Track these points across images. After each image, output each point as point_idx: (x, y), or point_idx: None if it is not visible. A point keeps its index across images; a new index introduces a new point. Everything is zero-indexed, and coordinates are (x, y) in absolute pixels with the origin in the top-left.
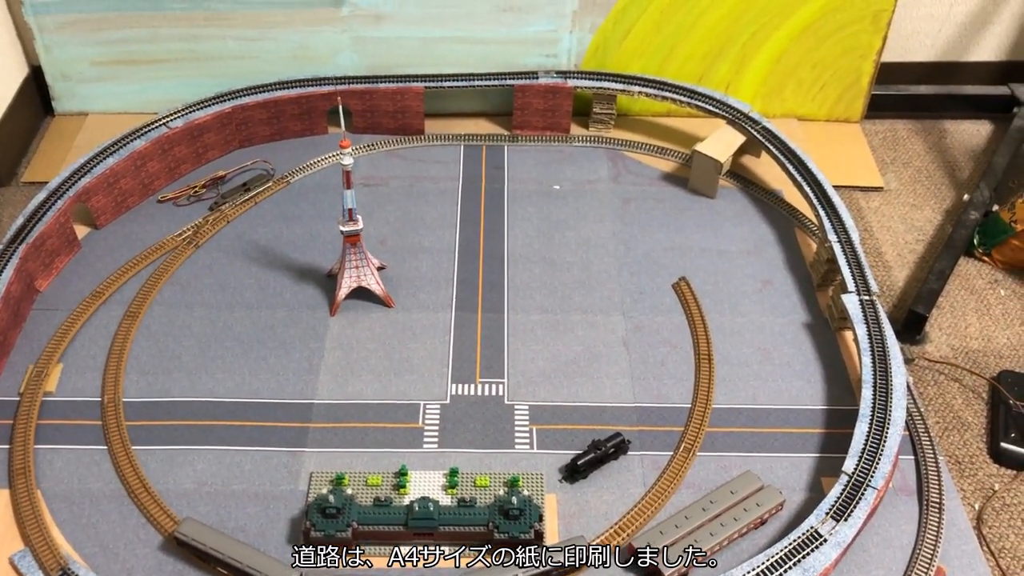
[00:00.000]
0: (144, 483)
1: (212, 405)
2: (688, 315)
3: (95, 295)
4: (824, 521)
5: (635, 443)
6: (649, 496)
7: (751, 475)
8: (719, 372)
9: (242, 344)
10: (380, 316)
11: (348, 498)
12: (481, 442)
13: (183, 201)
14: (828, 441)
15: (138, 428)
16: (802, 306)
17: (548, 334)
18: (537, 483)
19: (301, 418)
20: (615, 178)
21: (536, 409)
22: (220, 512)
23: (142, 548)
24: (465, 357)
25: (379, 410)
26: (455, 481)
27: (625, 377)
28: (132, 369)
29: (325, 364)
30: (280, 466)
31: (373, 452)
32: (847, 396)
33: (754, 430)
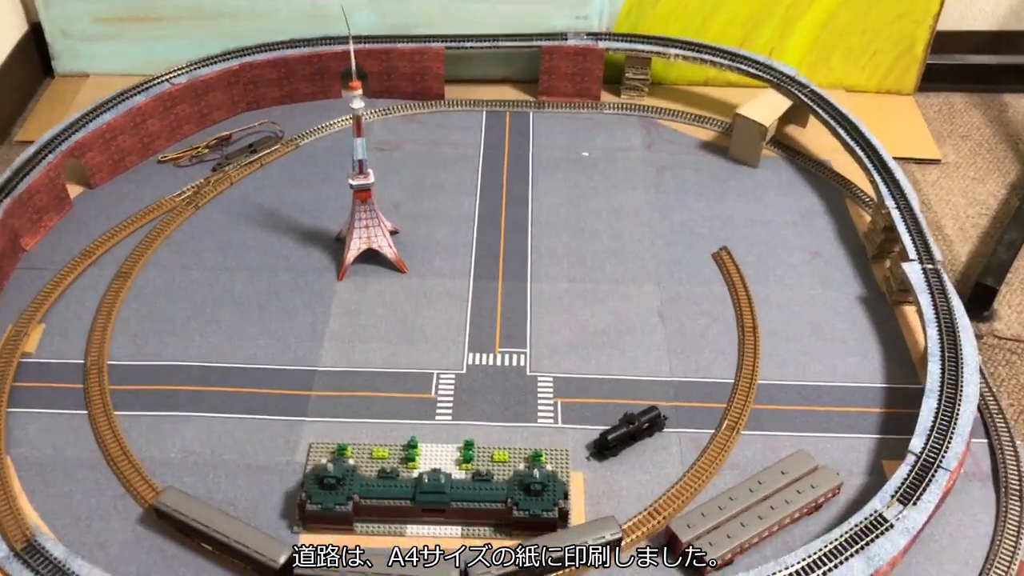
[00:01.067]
0: (125, 451)
1: (205, 370)
2: (730, 286)
3: (84, 254)
4: (890, 505)
5: (672, 419)
6: (688, 476)
7: (804, 454)
8: (765, 346)
9: (241, 308)
10: (392, 282)
11: (350, 469)
12: (500, 415)
13: (184, 162)
14: (888, 422)
15: (123, 393)
16: (856, 279)
17: (575, 304)
18: (562, 459)
19: (302, 386)
20: (649, 146)
21: (561, 381)
22: (208, 484)
23: (119, 521)
24: (483, 326)
25: (388, 379)
26: (470, 455)
27: (660, 350)
28: (120, 331)
29: (330, 330)
30: (276, 436)
31: (380, 423)
32: (909, 374)
33: (806, 408)
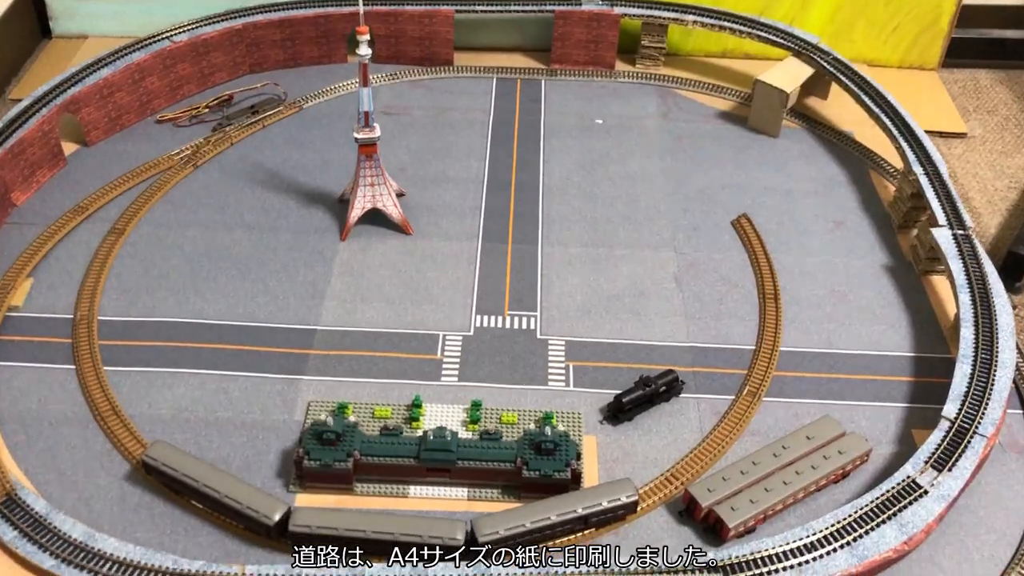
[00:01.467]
0: (113, 406)
1: (199, 327)
2: (750, 253)
3: (77, 210)
4: (923, 471)
5: (689, 385)
6: (707, 442)
7: (831, 420)
8: (787, 313)
9: (239, 266)
10: (397, 243)
11: (350, 425)
12: (509, 377)
13: (184, 122)
14: (918, 391)
15: (112, 348)
16: (881, 248)
17: (588, 268)
18: (574, 423)
19: (301, 344)
20: (665, 115)
21: (573, 345)
22: (200, 441)
23: (105, 477)
24: (492, 288)
25: (392, 339)
26: (477, 416)
27: (677, 315)
28: (112, 287)
29: (332, 289)
30: (273, 394)
31: (383, 383)
32: (938, 344)
33: (830, 376)
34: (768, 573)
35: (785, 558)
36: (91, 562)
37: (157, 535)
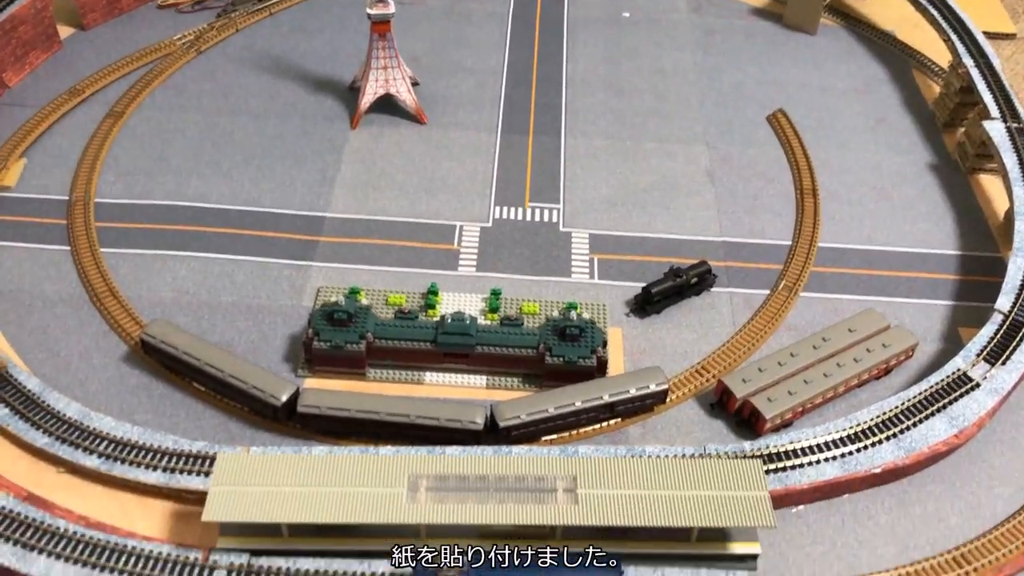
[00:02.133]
0: (111, 287)
1: (202, 211)
2: (786, 148)
3: (73, 92)
4: (975, 364)
5: (722, 279)
6: (741, 335)
7: (874, 312)
8: (826, 209)
9: (243, 152)
10: (411, 132)
11: (363, 307)
12: (530, 268)
13: (187, 7)
14: (964, 289)
15: (110, 230)
16: (925, 146)
17: (614, 161)
18: (599, 314)
19: (310, 231)
20: (696, 9)
21: (598, 238)
22: (202, 324)
23: (101, 358)
24: (512, 180)
25: (406, 228)
26: (497, 304)
27: (709, 209)
28: (109, 170)
29: (342, 177)
30: (281, 279)
31: (396, 271)
32: (986, 242)
33: (872, 272)
34: (809, 464)
35: (827, 448)
36: (86, 440)
37: (156, 417)
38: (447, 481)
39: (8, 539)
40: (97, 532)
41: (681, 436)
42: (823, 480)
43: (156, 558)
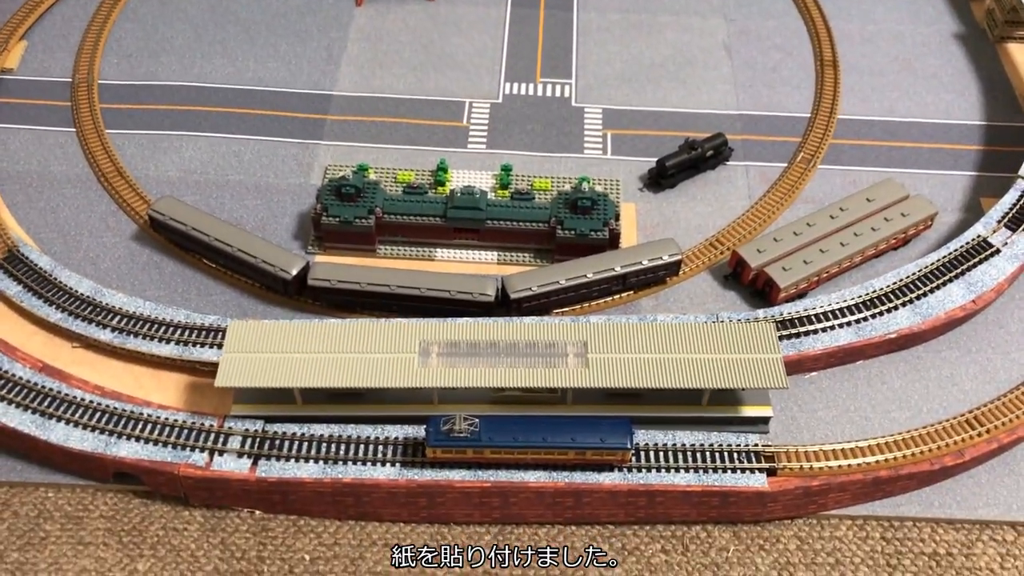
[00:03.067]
0: (118, 167)
1: (207, 91)
2: (807, 19)
3: None
4: (996, 230)
5: (739, 152)
6: (757, 208)
7: (893, 183)
8: (846, 81)
9: (247, 31)
10: (417, 8)
11: (371, 183)
12: (541, 145)
13: None
14: (987, 159)
15: (115, 112)
16: (951, 15)
17: (628, 35)
18: (613, 189)
19: (316, 110)
20: None
21: (612, 113)
22: (210, 203)
23: (111, 236)
24: (523, 55)
25: (414, 105)
26: (507, 180)
27: (726, 83)
28: (111, 52)
29: (348, 55)
30: (288, 158)
31: (405, 149)
32: (1012, 112)
33: (892, 144)
34: (823, 330)
35: (842, 315)
36: (99, 315)
37: (168, 293)
38: (458, 347)
39: (27, 408)
40: (113, 400)
41: (694, 307)
42: (837, 346)
43: (172, 424)
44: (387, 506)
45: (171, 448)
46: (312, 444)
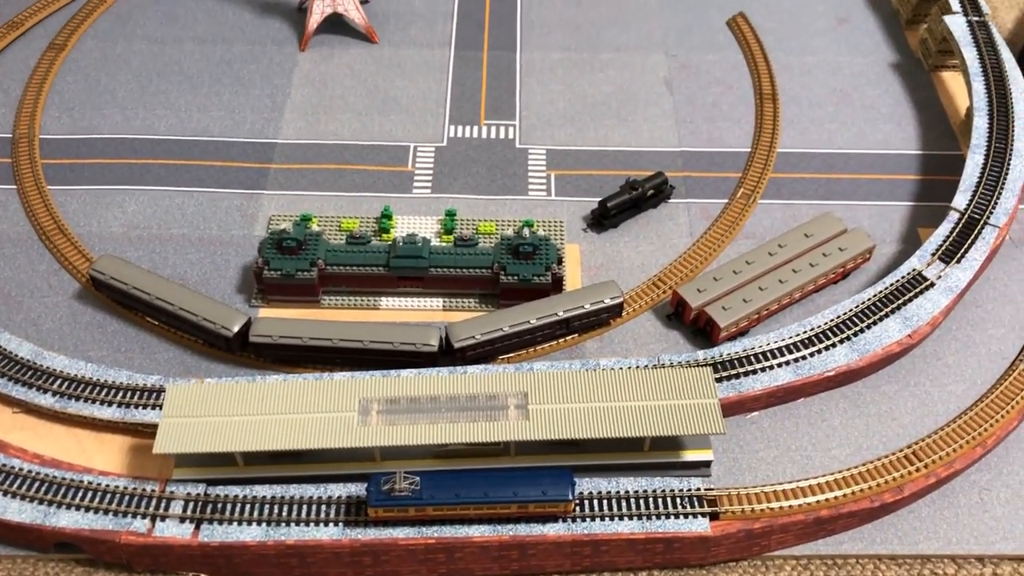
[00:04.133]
0: (60, 225)
1: (149, 143)
2: (747, 53)
3: (12, 25)
4: (930, 263)
5: (680, 190)
6: (698, 246)
7: (831, 216)
8: (785, 114)
9: (191, 80)
10: (362, 52)
11: (313, 234)
12: (486, 188)
13: None
14: (925, 188)
15: (56, 167)
16: (888, 45)
17: (571, 74)
18: (556, 230)
19: (260, 158)
20: None
21: (555, 153)
22: (154, 258)
23: (53, 296)
24: (467, 97)
25: (359, 151)
26: (452, 225)
27: (668, 119)
28: (53, 105)
29: (292, 102)
30: (231, 209)
31: (350, 196)
32: (947, 140)
33: (831, 176)
34: (762, 370)
35: (781, 354)
36: (40, 380)
37: (111, 353)
38: (398, 403)
39: None
40: (52, 469)
41: (638, 348)
42: (776, 385)
43: (113, 491)
44: (332, 566)
45: (112, 516)
46: (255, 506)
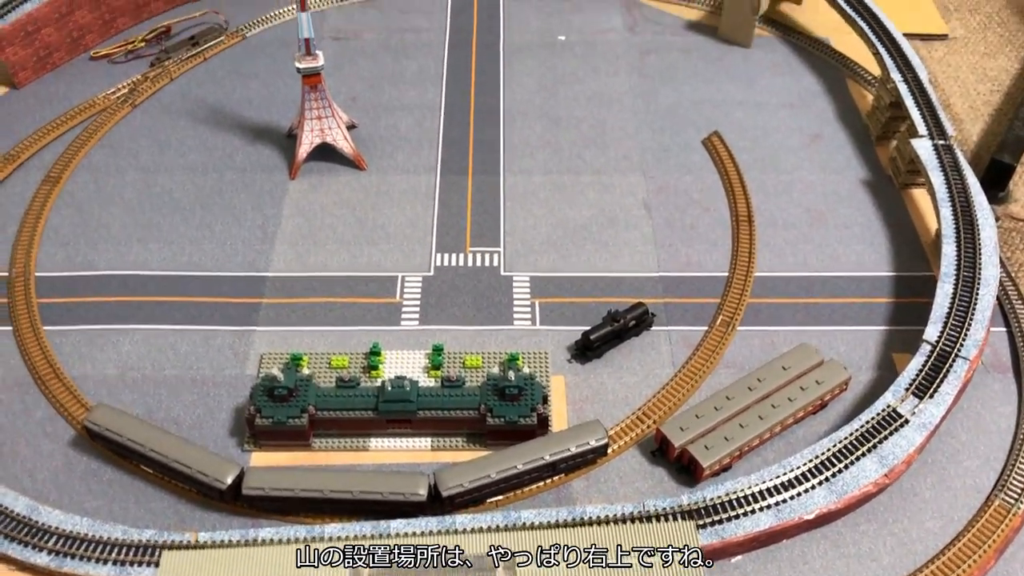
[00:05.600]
0: (55, 369)
1: (143, 279)
2: (722, 173)
3: (7, 159)
4: (904, 399)
5: (661, 317)
6: (680, 376)
7: (808, 348)
8: (762, 236)
9: (182, 211)
10: (350, 179)
11: (304, 379)
12: (472, 318)
13: (120, 58)
14: (899, 312)
15: (52, 306)
16: (859, 162)
17: (553, 197)
18: (541, 363)
19: (251, 293)
20: (631, 27)
21: (539, 281)
22: (148, 402)
23: (48, 444)
24: (452, 224)
25: (348, 283)
26: (439, 360)
27: (647, 243)
28: (49, 241)
29: (282, 232)
30: (224, 347)
31: (339, 331)
32: (919, 262)
33: (807, 301)
34: (744, 514)
35: (762, 498)
36: (35, 537)
37: (107, 503)
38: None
39: None
40: None
41: (624, 486)
42: (758, 530)
43: None
44: None
45: None
46: None
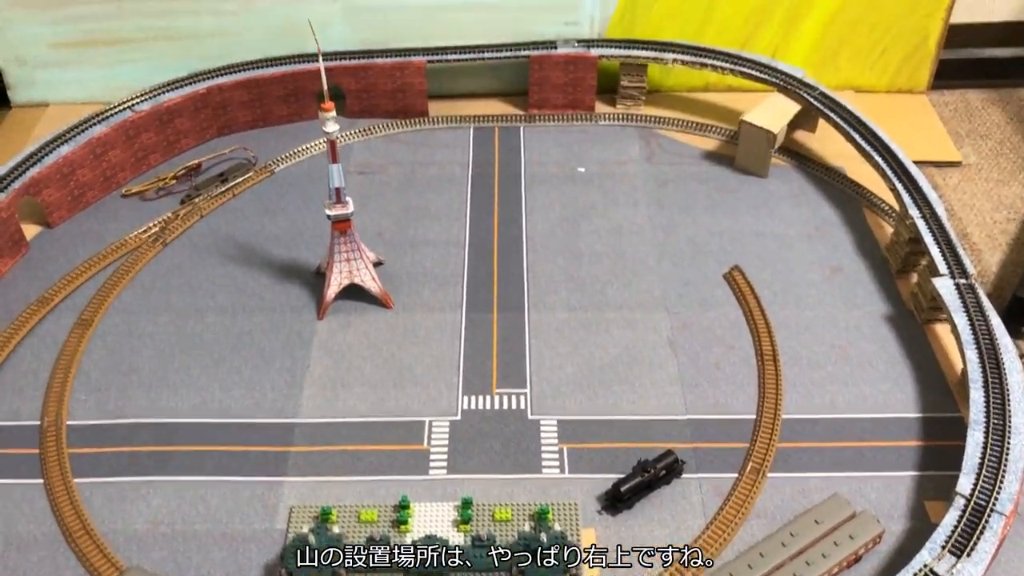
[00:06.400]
0: (85, 524)
1: (173, 427)
2: (744, 309)
3: (41, 301)
4: (941, 557)
5: (690, 463)
6: (712, 528)
7: (840, 499)
8: (787, 375)
9: (212, 354)
10: (377, 318)
11: (335, 538)
12: (500, 466)
13: (151, 195)
14: (928, 456)
15: (83, 456)
16: (880, 296)
17: (577, 335)
18: (571, 515)
19: (281, 441)
20: (648, 158)
21: (566, 425)
22: (178, 559)
23: None
24: (479, 364)
25: (376, 429)
26: (468, 515)
27: (674, 384)
28: (80, 386)
29: (311, 375)
30: (254, 500)
31: (368, 480)
32: (946, 401)
33: (836, 444)
34: None
35: None
36: None
37: None
38: None
39: None
40: None
41: None
42: None
43: None
44: None
45: None
46: None
